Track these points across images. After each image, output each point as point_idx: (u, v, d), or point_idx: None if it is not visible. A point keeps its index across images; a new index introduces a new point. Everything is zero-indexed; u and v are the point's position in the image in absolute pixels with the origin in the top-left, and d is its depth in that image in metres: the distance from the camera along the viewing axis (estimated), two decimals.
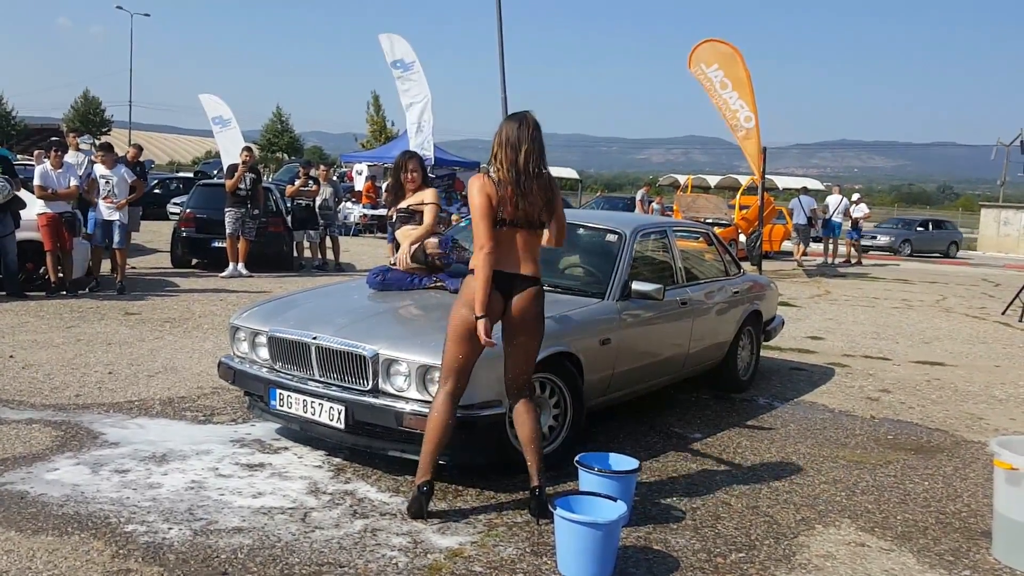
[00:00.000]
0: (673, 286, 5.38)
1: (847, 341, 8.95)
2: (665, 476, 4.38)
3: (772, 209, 18.85)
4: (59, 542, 3.25)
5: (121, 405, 5.16)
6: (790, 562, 3.45)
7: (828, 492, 4.31)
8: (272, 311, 4.61)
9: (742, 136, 13.96)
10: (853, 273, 17.62)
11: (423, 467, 3.58)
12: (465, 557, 3.30)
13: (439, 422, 3.53)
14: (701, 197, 20.34)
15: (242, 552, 3.23)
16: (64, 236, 9.05)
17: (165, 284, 10.44)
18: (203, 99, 16.24)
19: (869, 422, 5.76)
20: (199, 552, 3.21)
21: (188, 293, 9.80)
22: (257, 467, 4.18)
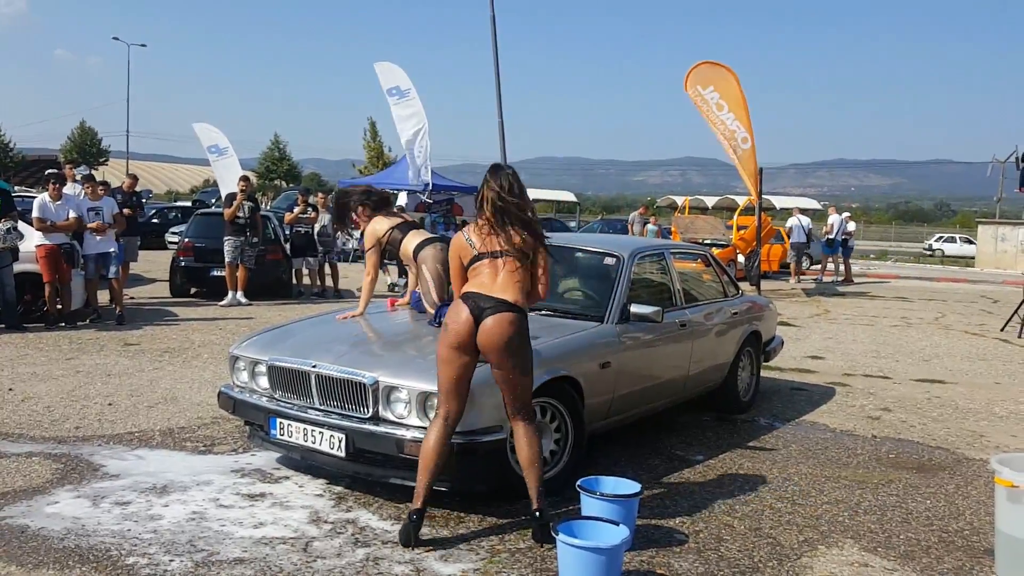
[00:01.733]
0: (672, 308, 5.40)
1: (847, 360, 8.96)
2: (667, 499, 4.38)
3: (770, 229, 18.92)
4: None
5: (121, 436, 5.17)
6: None
7: (831, 512, 4.31)
8: (271, 340, 4.63)
9: (739, 156, 14.05)
10: (852, 292, 17.66)
11: (416, 494, 3.60)
12: None
13: (430, 448, 3.57)
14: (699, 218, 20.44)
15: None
16: (63, 268, 9.08)
17: (164, 314, 10.47)
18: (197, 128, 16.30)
19: (870, 441, 5.76)
20: None
21: (187, 322, 9.82)
22: (258, 497, 4.18)
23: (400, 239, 5.08)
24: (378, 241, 5.11)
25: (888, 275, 23.63)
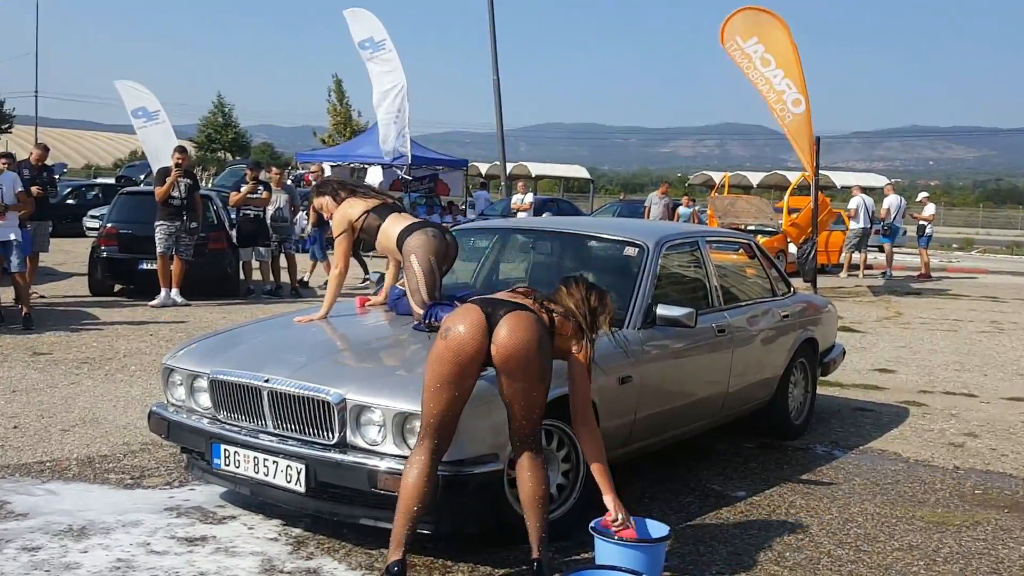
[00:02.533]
0: (707, 310, 5.41)
1: (924, 374, 8.99)
2: (702, 544, 4.39)
3: (828, 212, 18.96)
4: None
5: (30, 467, 5.17)
6: None
7: (903, 561, 4.33)
8: (214, 348, 4.64)
9: (790, 124, 14.05)
10: (930, 289, 17.72)
11: (395, 541, 3.59)
12: None
13: (411, 484, 3.55)
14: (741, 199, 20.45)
15: None
16: None
17: (82, 316, 10.47)
18: (120, 87, 16.29)
19: (952, 474, 5.78)
20: None
21: (110, 327, 9.83)
22: (198, 541, 4.19)
23: (377, 225, 5.04)
24: (350, 226, 5.09)
25: (974, 269, 23.68)
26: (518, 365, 3.52)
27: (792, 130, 14.13)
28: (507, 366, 3.53)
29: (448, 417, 3.58)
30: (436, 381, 3.54)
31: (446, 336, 3.54)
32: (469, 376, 3.56)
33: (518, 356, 3.51)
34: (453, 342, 3.52)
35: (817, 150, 14.23)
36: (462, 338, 3.51)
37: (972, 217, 60.46)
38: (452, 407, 3.57)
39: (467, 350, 3.51)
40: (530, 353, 3.52)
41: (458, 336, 3.52)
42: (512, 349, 3.50)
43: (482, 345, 3.52)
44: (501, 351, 3.51)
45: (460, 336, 3.51)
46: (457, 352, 3.51)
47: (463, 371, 3.53)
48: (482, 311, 3.57)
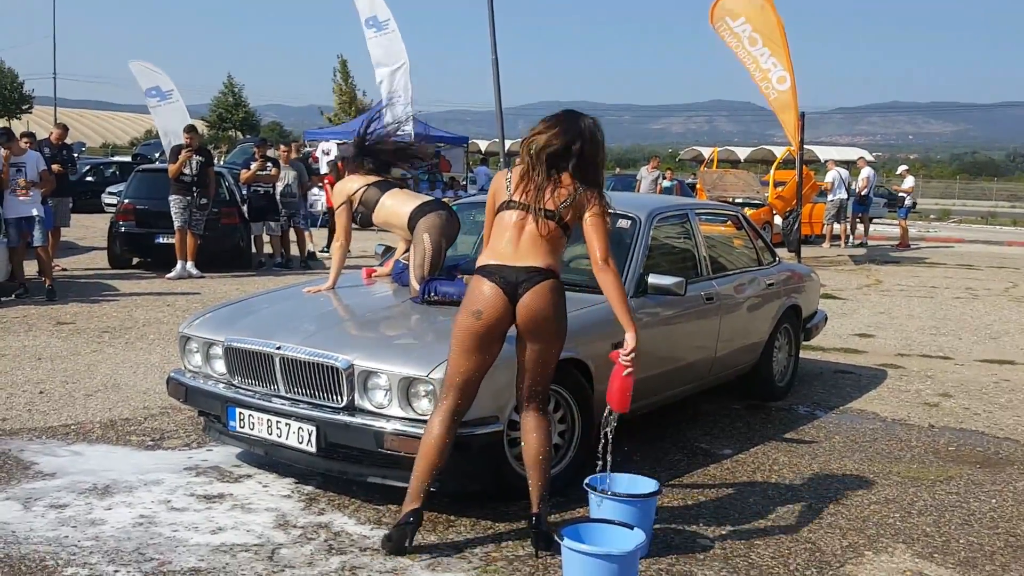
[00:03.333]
0: (696, 279, 5.43)
1: (901, 338, 9.03)
2: (690, 499, 4.44)
3: (812, 185, 18.94)
4: None
5: (55, 430, 5.21)
6: None
7: (879, 514, 4.37)
8: (228, 317, 4.66)
9: (775, 100, 14.00)
10: (908, 258, 17.73)
11: (413, 493, 3.63)
12: None
13: (436, 442, 3.58)
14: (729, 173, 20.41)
15: None
16: None
17: (102, 288, 10.49)
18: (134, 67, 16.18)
19: (927, 432, 5.83)
20: None
21: (129, 298, 9.84)
22: (216, 498, 4.23)
23: (375, 200, 5.02)
24: (348, 200, 5.07)
25: (951, 239, 23.68)
26: (540, 331, 3.57)
27: (778, 106, 14.07)
28: (530, 328, 3.57)
29: (473, 380, 3.61)
30: (464, 348, 3.57)
31: (472, 311, 3.54)
32: (496, 342, 3.60)
33: (540, 324, 3.56)
34: (482, 315, 3.53)
35: (802, 125, 14.18)
36: (490, 311, 3.53)
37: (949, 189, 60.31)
38: (479, 371, 3.61)
39: (493, 321, 3.54)
40: (550, 316, 3.56)
41: (486, 309, 3.53)
42: (533, 320, 3.55)
43: (506, 315, 3.55)
44: (525, 321, 3.55)
45: (487, 309, 3.53)
46: (486, 322, 3.54)
47: (491, 340, 3.58)
48: (498, 284, 3.54)
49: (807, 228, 18.21)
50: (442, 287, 4.56)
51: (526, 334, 3.59)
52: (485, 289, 3.55)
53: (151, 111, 16.13)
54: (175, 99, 15.80)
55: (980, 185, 65.43)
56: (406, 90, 16.62)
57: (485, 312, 3.53)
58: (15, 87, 61.70)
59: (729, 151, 29.92)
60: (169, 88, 15.82)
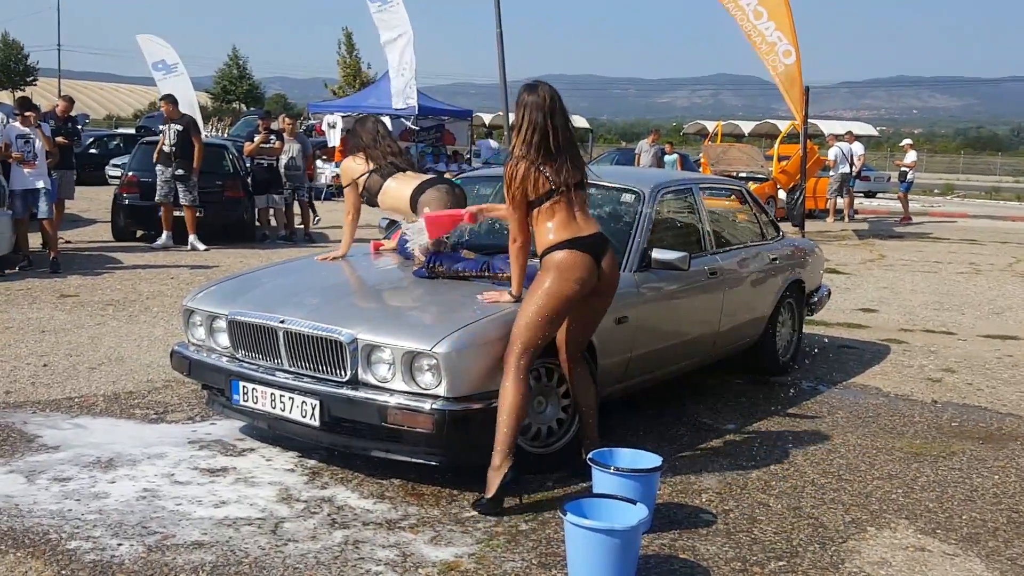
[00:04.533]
0: (700, 253, 5.38)
1: (904, 313, 8.99)
2: (693, 474, 4.42)
3: (816, 160, 18.81)
4: None
5: (59, 403, 5.20)
6: (838, 570, 3.50)
7: (882, 489, 4.36)
8: (232, 291, 4.63)
9: (781, 74, 13.88)
10: (912, 233, 17.66)
11: (505, 451, 3.78)
12: (462, 571, 3.35)
13: (525, 398, 3.81)
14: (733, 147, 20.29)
15: (204, 570, 3.28)
16: None
17: (106, 260, 10.47)
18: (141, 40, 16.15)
19: (930, 407, 5.81)
20: (154, 571, 3.26)
21: (133, 270, 9.82)
22: (219, 472, 4.22)
23: (379, 187, 4.97)
24: (354, 183, 5.06)
25: (954, 213, 23.58)
26: (615, 283, 4.06)
27: (783, 80, 13.96)
28: (611, 283, 4.03)
29: (551, 339, 3.92)
30: (558, 314, 3.86)
31: (582, 285, 3.84)
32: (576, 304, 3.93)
33: (616, 276, 4.06)
34: (583, 281, 3.85)
35: (806, 100, 14.08)
36: (589, 276, 3.87)
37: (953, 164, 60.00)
38: (557, 331, 3.94)
39: (588, 285, 3.88)
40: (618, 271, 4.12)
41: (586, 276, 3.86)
42: (613, 279, 4.03)
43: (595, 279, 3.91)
44: (608, 278, 3.98)
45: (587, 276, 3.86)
46: (583, 287, 3.86)
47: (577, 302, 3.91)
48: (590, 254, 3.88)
49: (811, 203, 18.13)
50: (446, 260, 4.53)
51: (605, 290, 4.01)
52: (585, 260, 3.86)
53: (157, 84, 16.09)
54: (180, 72, 15.76)
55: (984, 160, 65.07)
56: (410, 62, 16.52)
57: (586, 276, 3.85)
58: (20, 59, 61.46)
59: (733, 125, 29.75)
60: (175, 61, 15.77)
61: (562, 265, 3.83)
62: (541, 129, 3.84)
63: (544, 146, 3.85)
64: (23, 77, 61.23)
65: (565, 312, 3.87)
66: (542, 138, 3.84)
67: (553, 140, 3.86)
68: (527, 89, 3.93)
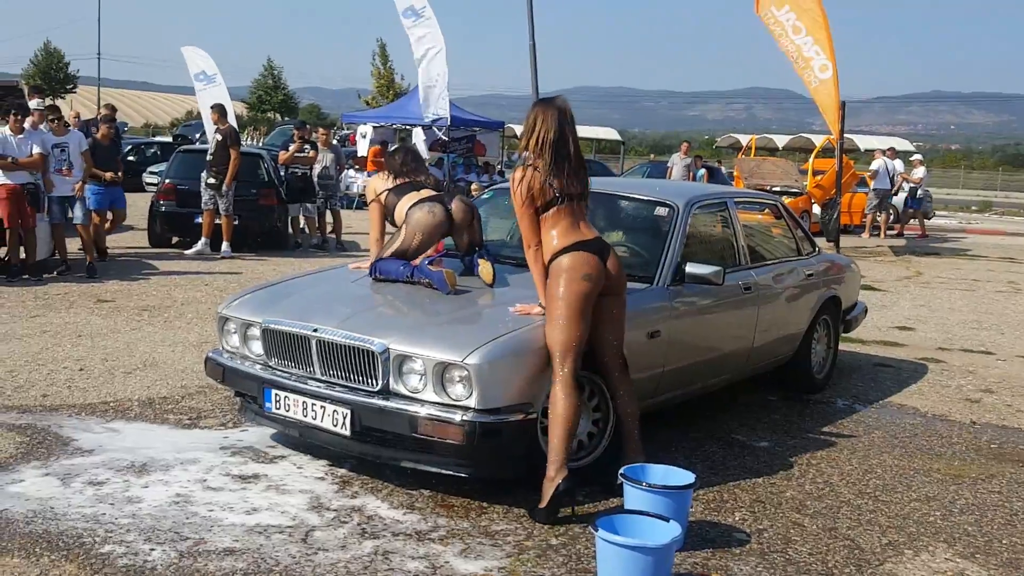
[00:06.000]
0: (734, 268, 5.34)
1: (942, 332, 8.86)
2: (726, 492, 4.38)
3: (852, 175, 18.64)
4: (26, 564, 3.32)
5: (94, 407, 5.25)
6: None
7: (920, 511, 4.29)
8: (266, 299, 4.65)
9: (817, 88, 13.79)
10: (949, 250, 17.44)
11: (559, 462, 3.80)
12: None
13: (575, 407, 3.83)
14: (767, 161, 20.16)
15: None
16: (26, 211, 9.18)
17: (142, 267, 10.58)
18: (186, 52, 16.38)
19: (969, 428, 5.71)
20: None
21: (168, 276, 9.92)
22: (251, 479, 4.24)
23: (394, 205, 5.04)
24: (376, 198, 5.14)
25: (992, 231, 23.25)
26: (622, 281, 4.12)
27: (819, 95, 13.87)
28: (619, 281, 4.08)
29: (583, 344, 3.93)
30: (580, 313, 3.88)
31: (583, 276, 3.90)
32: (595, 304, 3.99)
33: (623, 279, 4.13)
34: (592, 277, 3.92)
35: (843, 114, 13.97)
36: (596, 272, 3.94)
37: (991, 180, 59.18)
38: (587, 334, 3.95)
39: (599, 281, 3.95)
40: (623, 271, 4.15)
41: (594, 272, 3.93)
42: (620, 275, 4.10)
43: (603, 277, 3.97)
44: (615, 277, 4.04)
45: (595, 272, 3.93)
46: (595, 283, 3.93)
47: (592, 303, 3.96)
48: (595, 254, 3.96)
49: (846, 218, 17.96)
50: (384, 265, 4.77)
51: (617, 290, 4.07)
52: (590, 259, 3.94)
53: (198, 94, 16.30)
54: (219, 82, 15.96)
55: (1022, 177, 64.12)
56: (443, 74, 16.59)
57: (594, 273, 3.91)
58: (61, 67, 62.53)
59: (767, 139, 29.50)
60: (214, 72, 15.98)
61: (569, 267, 3.92)
62: (556, 138, 3.94)
63: (555, 155, 3.94)
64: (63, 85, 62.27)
65: (586, 310, 3.91)
66: (555, 147, 3.94)
67: (564, 150, 3.97)
68: (543, 101, 4.09)
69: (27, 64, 62.30)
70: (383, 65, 39.83)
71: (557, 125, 3.95)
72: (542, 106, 4.04)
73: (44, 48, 62.89)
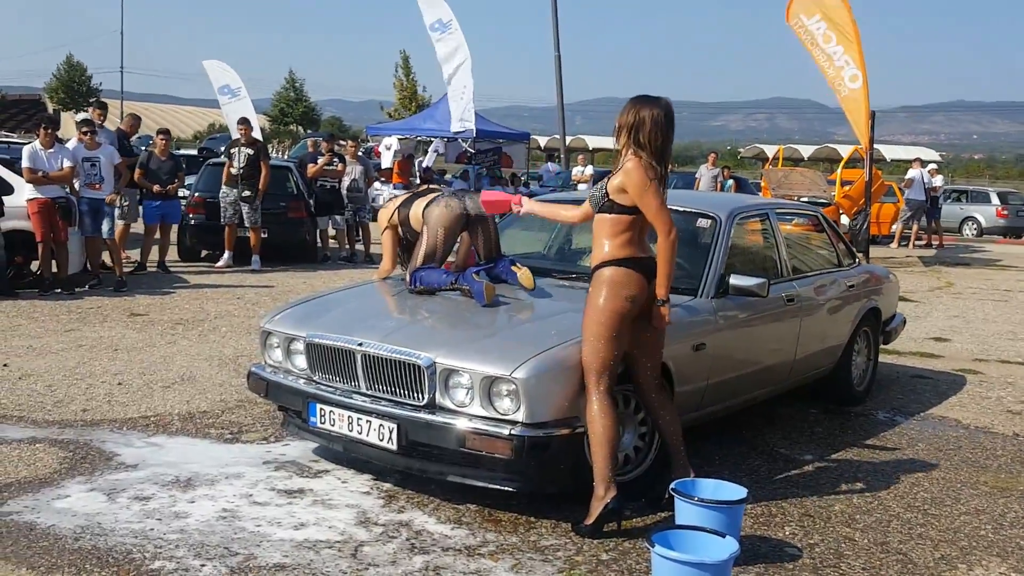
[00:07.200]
0: (777, 280, 5.30)
1: (978, 343, 8.78)
2: (773, 506, 4.35)
3: (881, 184, 18.51)
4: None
5: (135, 421, 5.28)
6: None
7: (971, 525, 4.24)
8: (308, 313, 4.67)
9: (846, 98, 13.74)
10: (980, 260, 17.28)
11: (606, 481, 3.79)
12: None
13: (613, 424, 3.80)
14: (795, 171, 20.05)
15: None
16: (58, 225, 9.26)
17: (173, 280, 10.65)
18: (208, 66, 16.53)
19: (1013, 440, 5.65)
20: None
21: (199, 290, 9.98)
22: (296, 493, 4.25)
23: (407, 214, 5.06)
24: (389, 223, 5.14)
25: (1021, 241, 23.03)
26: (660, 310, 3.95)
27: (848, 105, 13.82)
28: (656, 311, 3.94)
29: (618, 359, 3.87)
30: (617, 332, 3.82)
31: (628, 298, 3.84)
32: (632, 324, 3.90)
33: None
34: (637, 300, 3.85)
35: (872, 124, 13.90)
36: (642, 297, 3.88)
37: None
38: (622, 351, 3.89)
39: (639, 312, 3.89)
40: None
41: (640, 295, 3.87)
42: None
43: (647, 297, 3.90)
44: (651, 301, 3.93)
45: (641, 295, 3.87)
46: (638, 307, 3.88)
47: (632, 322, 3.89)
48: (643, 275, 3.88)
49: (874, 228, 17.83)
50: (424, 275, 4.76)
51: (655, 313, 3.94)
52: (639, 280, 3.86)
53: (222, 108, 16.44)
54: (243, 96, 16.09)
55: None
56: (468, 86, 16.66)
57: (639, 295, 3.85)
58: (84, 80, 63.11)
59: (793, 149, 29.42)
60: (238, 86, 16.12)
61: (612, 281, 3.85)
62: (663, 140, 3.88)
63: (660, 158, 3.88)
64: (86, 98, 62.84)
65: (622, 329, 3.83)
66: (662, 150, 3.88)
67: (667, 155, 3.94)
68: (649, 100, 3.93)
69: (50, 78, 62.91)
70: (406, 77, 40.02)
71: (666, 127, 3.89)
72: (648, 106, 3.89)
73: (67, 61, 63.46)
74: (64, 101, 59.38)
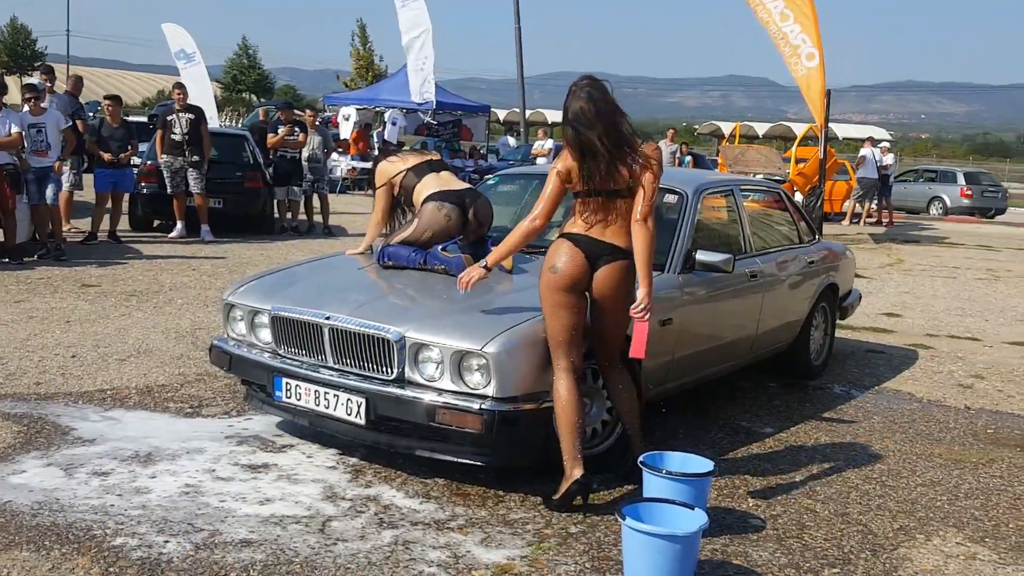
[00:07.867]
0: (741, 256, 5.33)
1: (928, 318, 8.95)
2: (737, 478, 4.39)
3: (834, 162, 18.77)
4: (36, 558, 3.25)
5: (91, 395, 5.16)
6: None
7: (927, 496, 4.33)
8: (273, 286, 4.59)
9: (803, 77, 13.83)
10: (927, 238, 17.60)
11: (572, 459, 3.75)
12: (515, 574, 3.31)
13: (572, 403, 3.75)
14: (751, 148, 20.24)
15: (255, 569, 3.24)
16: (6, 193, 9.00)
17: (125, 250, 10.41)
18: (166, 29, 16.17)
19: (964, 413, 5.77)
20: (204, 569, 3.22)
21: (153, 260, 9.79)
22: (261, 468, 4.19)
23: (413, 185, 4.95)
24: (389, 183, 5.03)
25: (967, 219, 23.50)
26: (611, 302, 3.85)
27: (804, 83, 13.91)
28: (602, 303, 3.86)
29: (578, 332, 3.80)
30: (559, 303, 3.77)
31: (555, 271, 3.79)
32: (581, 298, 3.83)
33: (612, 296, 3.85)
34: (565, 273, 3.77)
35: (828, 102, 14.03)
36: (572, 270, 3.78)
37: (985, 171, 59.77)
38: (578, 323, 3.80)
39: (576, 278, 3.79)
40: (621, 293, 3.85)
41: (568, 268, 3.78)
42: (607, 290, 3.84)
43: (586, 276, 3.81)
44: (599, 290, 3.84)
45: (570, 268, 3.78)
46: (570, 279, 3.78)
47: (576, 293, 3.81)
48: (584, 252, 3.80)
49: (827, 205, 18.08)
50: (392, 251, 4.74)
51: (600, 303, 3.86)
52: (567, 249, 3.81)
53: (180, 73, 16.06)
54: (198, 61, 15.77)
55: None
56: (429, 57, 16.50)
57: (563, 266, 3.77)
58: (28, 44, 61.41)
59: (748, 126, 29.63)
60: (193, 51, 15.78)
61: (546, 255, 3.88)
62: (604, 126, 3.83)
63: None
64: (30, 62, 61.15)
65: (567, 303, 3.77)
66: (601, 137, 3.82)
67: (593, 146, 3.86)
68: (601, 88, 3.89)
69: None
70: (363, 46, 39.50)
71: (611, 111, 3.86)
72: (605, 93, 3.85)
73: (11, 24, 61.65)
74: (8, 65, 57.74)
